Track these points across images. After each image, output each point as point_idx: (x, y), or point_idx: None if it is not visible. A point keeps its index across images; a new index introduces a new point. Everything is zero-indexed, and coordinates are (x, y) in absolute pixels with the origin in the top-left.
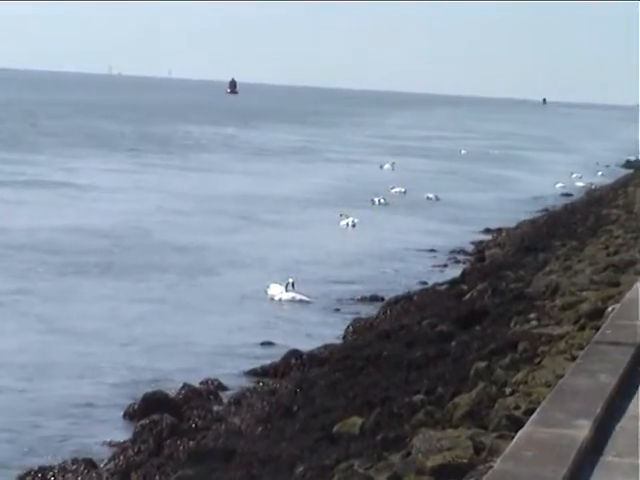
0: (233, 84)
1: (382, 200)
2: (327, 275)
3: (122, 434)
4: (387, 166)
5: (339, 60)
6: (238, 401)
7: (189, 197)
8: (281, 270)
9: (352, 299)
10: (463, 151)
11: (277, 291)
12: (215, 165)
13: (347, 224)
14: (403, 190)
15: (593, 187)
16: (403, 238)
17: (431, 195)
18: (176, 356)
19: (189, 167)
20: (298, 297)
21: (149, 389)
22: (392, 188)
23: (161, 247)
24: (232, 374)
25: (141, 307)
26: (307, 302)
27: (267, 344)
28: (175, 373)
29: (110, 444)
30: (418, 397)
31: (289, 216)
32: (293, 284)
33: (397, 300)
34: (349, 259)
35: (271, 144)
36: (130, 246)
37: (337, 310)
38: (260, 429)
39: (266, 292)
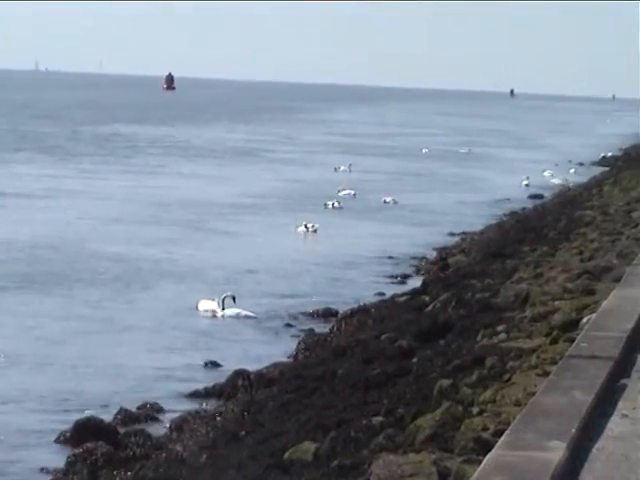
0: (170, 79)
1: (336, 204)
2: (277, 287)
3: (55, 462)
4: (343, 168)
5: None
6: (180, 426)
7: (125, 203)
8: (226, 282)
9: (303, 313)
10: (425, 149)
11: (208, 307)
12: (154, 168)
13: (306, 230)
14: (352, 193)
15: (565, 186)
16: (358, 245)
17: (388, 198)
18: (110, 378)
19: (126, 170)
20: (243, 313)
21: (81, 415)
22: (341, 190)
23: (93, 258)
24: (173, 397)
25: (68, 324)
26: (253, 318)
27: (210, 364)
28: (109, 397)
29: (42, 471)
30: (377, 419)
31: (236, 224)
32: (233, 298)
33: (352, 313)
34: (300, 269)
35: (214, 144)
36: (58, 258)
37: (287, 325)
38: (204, 457)
39: (197, 309)
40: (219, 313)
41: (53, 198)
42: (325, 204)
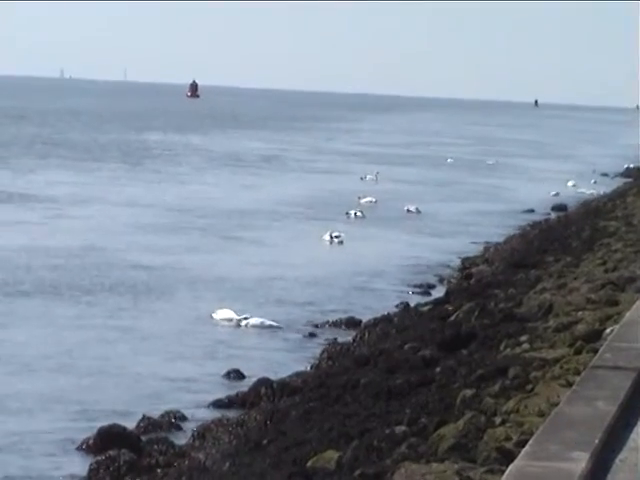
0: (194, 87)
1: (359, 213)
2: (300, 296)
3: (78, 470)
4: (370, 177)
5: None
6: (202, 435)
7: (151, 211)
8: (249, 291)
9: (327, 322)
10: (449, 159)
11: (228, 316)
12: (179, 176)
13: (331, 240)
14: (374, 200)
15: (589, 197)
16: (381, 254)
17: (412, 207)
18: (132, 386)
19: (151, 179)
20: (267, 322)
21: (104, 422)
22: (361, 198)
23: (115, 266)
24: (195, 405)
25: (89, 332)
26: (277, 327)
27: (233, 373)
28: (132, 404)
29: (65, 479)
30: (400, 428)
31: (260, 232)
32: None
33: (376, 323)
34: (324, 278)
35: (239, 153)
36: (80, 265)
37: (310, 335)
38: (227, 465)
39: (212, 317)
40: (242, 322)
41: (77, 205)
42: (347, 213)
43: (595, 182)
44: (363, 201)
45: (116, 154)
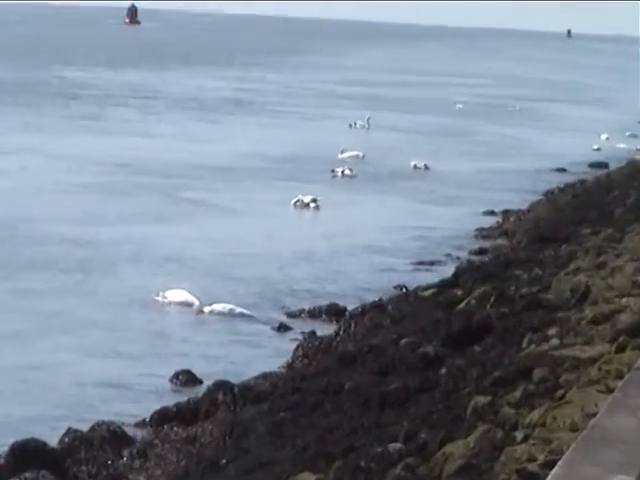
0: (133, 11)
1: (347, 171)
2: (268, 277)
3: None
4: (360, 123)
5: None
6: (144, 452)
7: (84, 168)
8: (204, 270)
9: (302, 310)
10: (459, 105)
11: (178, 299)
12: (119, 123)
13: (303, 205)
14: (361, 155)
15: (635, 153)
16: (371, 224)
17: (419, 163)
18: (56, 390)
19: (85, 126)
20: (237, 310)
21: (18, 436)
22: (344, 151)
23: (42, 238)
24: (135, 416)
25: (8, 320)
26: (248, 316)
27: (183, 374)
28: (53, 414)
29: None
30: (394, 446)
31: (220, 195)
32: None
33: (364, 311)
34: (300, 254)
35: (195, 94)
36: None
37: (281, 326)
38: None
39: (157, 299)
40: (204, 308)
41: (5, 162)
42: (333, 171)
43: (632, 135)
44: (345, 155)
45: (38, 96)
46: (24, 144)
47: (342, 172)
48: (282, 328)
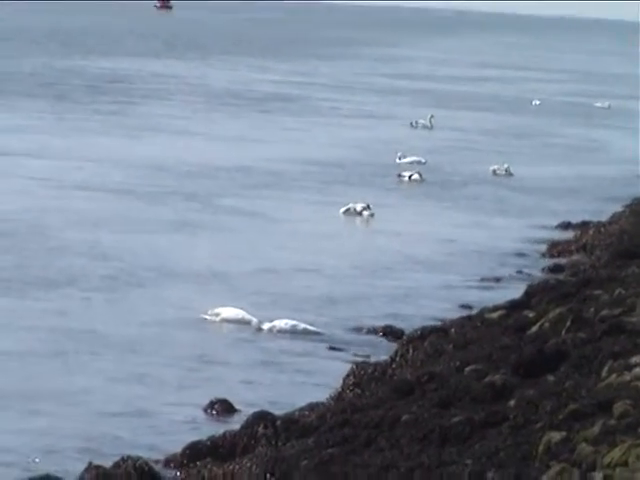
0: None
1: (415, 175)
2: (316, 296)
3: None
4: (422, 122)
5: None
6: None
7: (115, 170)
8: (252, 285)
9: (355, 331)
10: (536, 101)
11: (230, 315)
12: (154, 120)
13: (355, 213)
14: (423, 160)
15: None
16: (434, 237)
17: (499, 168)
18: (75, 420)
19: (115, 123)
20: (302, 326)
21: (33, 472)
22: (402, 157)
23: (68, 250)
24: (164, 449)
25: (27, 340)
26: (315, 333)
27: (219, 404)
28: (73, 446)
29: None
30: None
31: (268, 202)
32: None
33: (423, 335)
34: (349, 270)
35: (238, 89)
36: (18, 245)
37: (331, 349)
38: None
39: (206, 317)
40: (264, 325)
41: (17, 161)
42: (400, 175)
43: None
44: (405, 161)
45: (60, 88)
46: (46, 143)
47: (410, 177)
48: (331, 352)
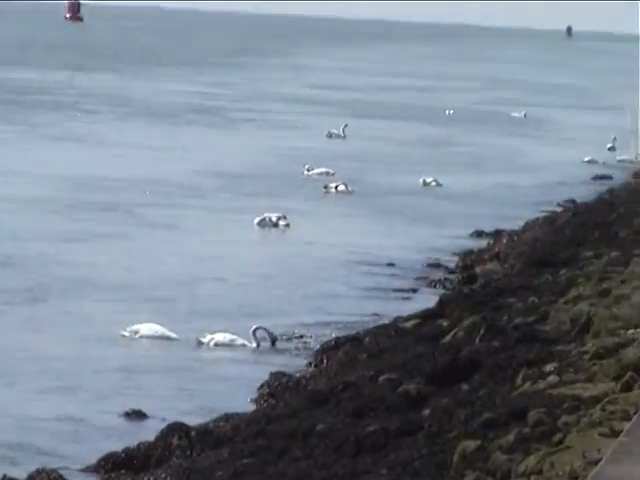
0: (75, 6)
1: (341, 187)
2: (230, 305)
3: None
4: (335, 132)
5: None
6: None
7: (31, 183)
8: (164, 298)
9: (267, 342)
10: (450, 110)
11: (148, 332)
12: (68, 133)
13: (270, 224)
14: (331, 172)
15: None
16: (349, 247)
17: (429, 178)
18: None
19: (29, 136)
20: (239, 341)
21: None
22: (310, 169)
23: None
24: (78, 462)
25: None
26: (242, 346)
27: (134, 414)
28: None
29: None
30: None
31: (183, 213)
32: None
33: (337, 344)
34: (265, 279)
35: (156, 99)
36: None
37: (243, 361)
38: None
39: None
40: (203, 339)
41: None
42: (326, 186)
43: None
44: (312, 172)
45: None
46: None
47: (336, 187)
48: (244, 363)
